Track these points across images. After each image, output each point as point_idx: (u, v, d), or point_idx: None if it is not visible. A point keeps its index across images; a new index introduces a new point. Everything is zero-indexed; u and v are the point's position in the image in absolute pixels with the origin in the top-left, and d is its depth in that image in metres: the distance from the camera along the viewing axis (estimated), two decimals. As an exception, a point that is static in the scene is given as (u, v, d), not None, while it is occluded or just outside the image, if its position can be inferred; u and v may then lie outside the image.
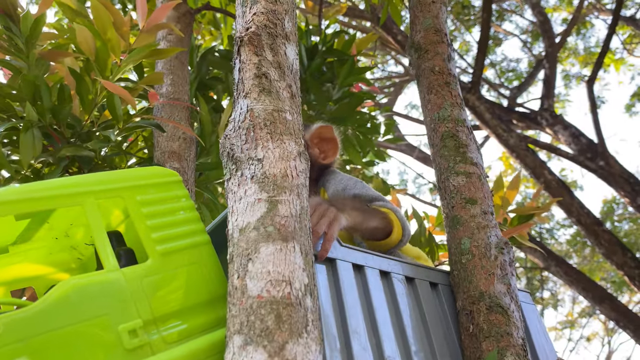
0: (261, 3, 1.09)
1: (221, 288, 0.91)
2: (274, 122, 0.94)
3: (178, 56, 1.87)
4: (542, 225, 12.02)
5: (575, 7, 11.62)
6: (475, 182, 1.30)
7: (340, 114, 2.25)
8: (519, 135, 7.71)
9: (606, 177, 7.86)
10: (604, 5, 12.70)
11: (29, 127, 1.45)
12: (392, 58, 11.15)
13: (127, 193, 0.89)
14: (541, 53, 13.21)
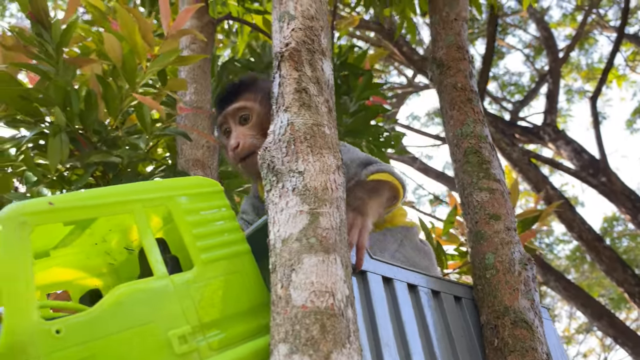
0: (299, 19, 1.12)
1: (261, 296, 0.92)
2: (314, 136, 0.96)
3: (201, 65, 1.90)
4: (542, 240, 12.04)
5: (579, 24, 11.72)
6: (499, 198, 1.33)
7: (355, 127, 2.27)
8: (521, 149, 7.75)
9: (608, 194, 7.90)
10: (607, 22, 12.80)
11: (57, 131, 1.47)
12: (395, 69, 11.20)
13: (173, 202, 0.91)
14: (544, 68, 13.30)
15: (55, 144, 1.46)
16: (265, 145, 1.00)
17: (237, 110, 1.34)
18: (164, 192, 0.91)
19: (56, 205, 0.78)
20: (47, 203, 0.77)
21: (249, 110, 1.33)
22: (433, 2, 1.80)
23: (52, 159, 1.46)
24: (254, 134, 1.32)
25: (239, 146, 1.30)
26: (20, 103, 1.51)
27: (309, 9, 1.15)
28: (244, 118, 1.34)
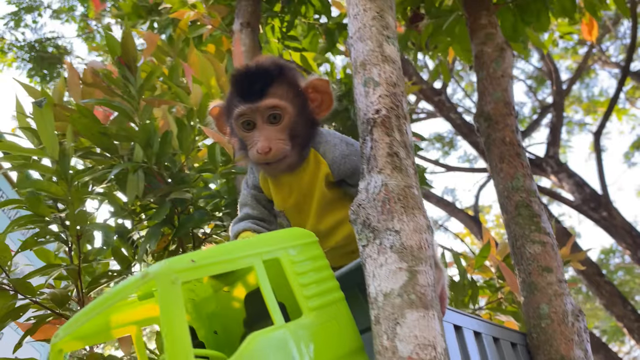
0: (383, 86, 1.23)
1: (356, 341, 1.02)
2: (406, 197, 1.07)
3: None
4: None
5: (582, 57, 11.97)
6: (550, 252, 1.43)
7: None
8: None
9: (608, 228, 8.04)
10: (609, 57, 13.09)
11: (136, 168, 1.57)
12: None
13: (284, 254, 1.01)
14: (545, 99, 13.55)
15: (134, 179, 1.56)
16: (358, 202, 1.10)
17: (269, 109, 1.20)
18: (276, 245, 1.01)
19: (197, 263, 0.88)
20: (189, 261, 0.87)
21: (281, 110, 1.21)
22: (479, 58, 1.93)
23: (130, 193, 1.56)
24: (284, 138, 1.22)
25: (270, 151, 1.19)
26: (99, 138, 1.62)
27: (391, 76, 1.26)
28: (274, 117, 1.21)
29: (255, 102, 1.20)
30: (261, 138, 1.21)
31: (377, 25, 1.35)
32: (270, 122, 1.22)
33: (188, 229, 1.60)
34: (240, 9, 2.34)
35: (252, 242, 0.99)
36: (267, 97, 1.20)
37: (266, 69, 1.24)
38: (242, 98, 1.21)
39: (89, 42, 10.39)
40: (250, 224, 1.38)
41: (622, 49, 12.87)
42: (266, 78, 1.22)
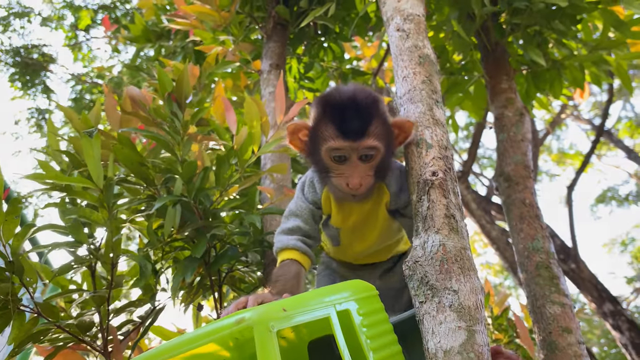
0: (436, 148, 1.32)
1: None
2: (462, 259, 1.14)
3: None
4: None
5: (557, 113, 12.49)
6: (569, 313, 1.52)
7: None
8: (501, 228, 8.12)
9: (576, 280, 8.28)
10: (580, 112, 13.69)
11: (176, 202, 1.61)
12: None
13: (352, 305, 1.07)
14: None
15: (172, 212, 1.60)
16: (415, 259, 1.17)
17: (366, 148, 1.26)
18: (345, 296, 1.06)
19: (288, 312, 0.93)
20: (281, 309, 0.92)
21: (376, 151, 1.27)
22: (500, 120, 2.04)
23: (168, 226, 1.59)
24: (372, 174, 1.30)
25: (361, 187, 1.28)
26: (138, 168, 1.65)
27: (442, 139, 1.35)
28: (367, 156, 1.28)
29: (356, 142, 1.25)
30: (354, 174, 1.28)
31: (426, 89, 1.44)
32: (362, 159, 1.28)
33: (221, 265, 1.63)
34: (269, 50, 2.42)
35: (326, 292, 1.04)
36: (366, 138, 1.25)
37: (366, 107, 1.27)
38: (342, 134, 1.25)
39: (75, 52, 10.32)
40: (298, 243, 1.41)
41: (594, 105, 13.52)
42: (366, 116, 1.26)
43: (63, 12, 10.47)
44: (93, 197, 1.52)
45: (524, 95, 2.41)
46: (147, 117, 1.68)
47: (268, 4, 2.48)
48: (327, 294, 1.04)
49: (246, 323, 0.85)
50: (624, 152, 11.99)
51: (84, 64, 10.06)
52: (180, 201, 1.62)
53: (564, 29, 2.21)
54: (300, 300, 0.97)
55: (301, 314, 0.94)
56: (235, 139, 1.62)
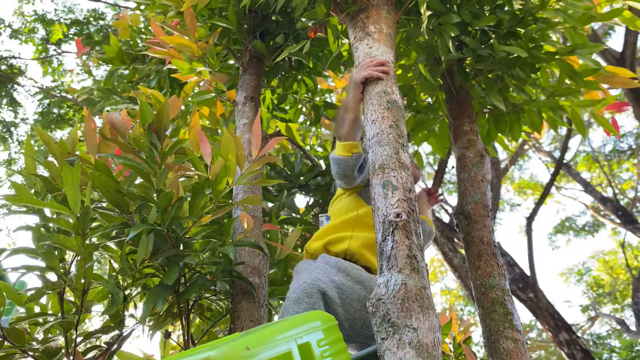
0: (400, 190, 1.41)
1: None
2: (422, 298, 1.22)
3: (256, 176, 2.14)
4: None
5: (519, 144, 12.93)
6: (521, 348, 1.62)
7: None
8: (463, 256, 8.29)
9: (534, 309, 8.51)
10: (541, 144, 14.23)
11: (150, 230, 1.65)
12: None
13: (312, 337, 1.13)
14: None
15: (146, 241, 1.64)
16: (378, 297, 1.24)
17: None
18: (305, 329, 1.13)
19: (251, 350, 0.99)
20: (245, 348, 0.98)
21: None
22: (461, 160, 2.16)
23: (140, 254, 1.63)
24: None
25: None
26: (115, 196, 1.69)
27: (407, 182, 1.44)
28: None
29: None
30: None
31: (393, 133, 1.54)
32: None
33: (191, 294, 1.67)
34: (244, 82, 2.50)
35: (287, 326, 1.11)
36: None
37: None
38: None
39: (45, 67, 10.22)
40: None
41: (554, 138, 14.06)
42: None
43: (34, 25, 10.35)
44: (68, 223, 1.55)
45: (485, 136, 2.55)
46: (125, 144, 1.73)
47: (245, 38, 2.57)
48: (289, 327, 1.10)
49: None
50: (581, 185, 12.45)
51: (53, 78, 9.94)
52: (154, 229, 1.66)
53: (523, 76, 2.37)
54: (264, 336, 1.03)
55: (264, 351, 1.00)
56: (211, 170, 1.68)
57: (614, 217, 10.86)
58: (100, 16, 9.84)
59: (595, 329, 16.14)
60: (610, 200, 10.90)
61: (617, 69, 2.63)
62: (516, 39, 2.32)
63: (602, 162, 13.78)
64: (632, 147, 13.76)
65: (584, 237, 15.27)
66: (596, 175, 14.48)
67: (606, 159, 14.08)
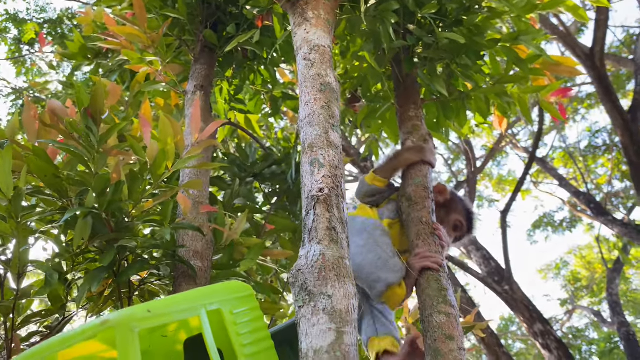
0: (327, 167, 1.44)
1: None
2: (339, 267, 1.26)
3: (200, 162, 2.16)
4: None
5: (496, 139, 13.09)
6: (453, 322, 1.66)
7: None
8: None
9: (509, 301, 8.63)
10: (519, 141, 14.40)
11: (87, 213, 1.67)
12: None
13: (224, 305, 1.16)
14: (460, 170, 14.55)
15: (83, 224, 1.65)
16: (298, 267, 1.28)
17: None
18: (218, 298, 1.16)
19: (153, 313, 1.01)
20: (146, 311, 1.00)
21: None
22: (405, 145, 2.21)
23: (78, 237, 1.64)
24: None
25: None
26: (52, 180, 1.70)
27: (334, 159, 1.48)
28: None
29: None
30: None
31: (324, 114, 1.58)
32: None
33: (129, 276, 1.69)
34: (195, 71, 2.52)
35: (198, 293, 1.13)
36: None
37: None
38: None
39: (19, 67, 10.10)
40: None
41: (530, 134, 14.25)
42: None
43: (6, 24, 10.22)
44: (1, 207, 1.56)
45: (433, 123, 2.59)
46: (65, 131, 1.74)
47: (196, 28, 2.59)
48: (198, 295, 1.13)
49: (110, 324, 0.93)
50: (557, 180, 12.64)
51: (27, 78, 9.83)
52: (92, 213, 1.68)
53: (469, 63, 2.42)
54: (168, 302, 1.06)
55: (167, 315, 1.03)
56: (147, 154, 1.70)
57: (589, 211, 11.04)
58: (74, 15, 9.74)
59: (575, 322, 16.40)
60: (584, 194, 11.07)
61: (563, 58, 2.70)
62: (460, 27, 2.37)
63: (577, 158, 14.00)
64: (607, 143, 13.98)
65: (561, 232, 15.47)
66: (573, 171, 14.69)
67: (582, 154, 14.30)
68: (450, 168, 14.69)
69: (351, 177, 10.27)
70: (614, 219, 10.23)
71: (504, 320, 16.26)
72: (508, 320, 16.08)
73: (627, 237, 9.58)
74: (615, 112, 8.63)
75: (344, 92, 2.86)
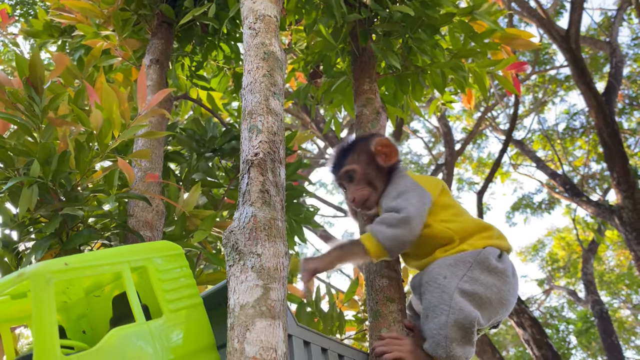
0: (264, 133, 1.46)
1: (209, 339, 1.20)
2: (271, 227, 1.29)
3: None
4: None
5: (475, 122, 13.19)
6: (395, 285, 1.70)
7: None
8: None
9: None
10: (498, 124, 14.52)
11: (32, 182, 1.67)
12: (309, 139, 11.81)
13: (150, 263, 1.18)
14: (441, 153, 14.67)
15: (27, 193, 1.66)
16: (230, 229, 1.30)
17: (345, 173, 1.75)
18: (144, 255, 1.18)
19: (70, 265, 1.03)
20: (63, 263, 1.02)
21: (352, 172, 1.73)
22: (359, 118, 2.23)
23: (23, 206, 1.65)
24: (361, 187, 1.71)
25: (355, 200, 1.71)
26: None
27: (273, 126, 1.50)
28: (350, 177, 1.74)
29: (337, 172, 1.79)
30: (348, 192, 1.75)
31: (266, 81, 1.59)
32: (350, 181, 1.74)
33: (76, 244, 1.70)
34: (152, 45, 2.51)
35: (122, 250, 1.16)
36: (342, 166, 1.76)
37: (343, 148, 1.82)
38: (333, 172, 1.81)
39: (-10, 51, 9.89)
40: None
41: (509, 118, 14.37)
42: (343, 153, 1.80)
43: (-23, 6, 9.98)
44: (-59, 175, 1.56)
45: (392, 97, 2.62)
46: (7, 100, 1.73)
47: (154, 2, 2.57)
48: (123, 252, 1.15)
49: (25, 276, 0.95)
50: (534, 162, 12.80)
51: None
52: (37, 183, 1.68)
53: (425, 37, 2.45)
54: (88, 257, 1.08)
55: (85, 269, 1.05)
56: (91, 122, 1.70)
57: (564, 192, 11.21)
58: (46, -3, 9.52)
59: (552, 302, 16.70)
60: (560, 176, 11.24)
61: (519, 31, 2.74)
62: (414, 1, 2.39)
63: (554, 140, 14.16)
64: (584, 125, 14.14)
65: (540, 214, 15.68)
66: (551, 153, 14.86)
67: (560, 137, 14.46)
68: (430, 151, 14.79)
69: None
70: (589, 200, 10.40)
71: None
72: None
73: (601, 217, 9.75)
74: (589, 94, 8.75)
75: (307, 67, 2.88)
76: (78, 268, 1.04)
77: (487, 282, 1.50)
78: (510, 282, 1.55)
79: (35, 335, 0.91)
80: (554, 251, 16.38)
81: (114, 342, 1.00)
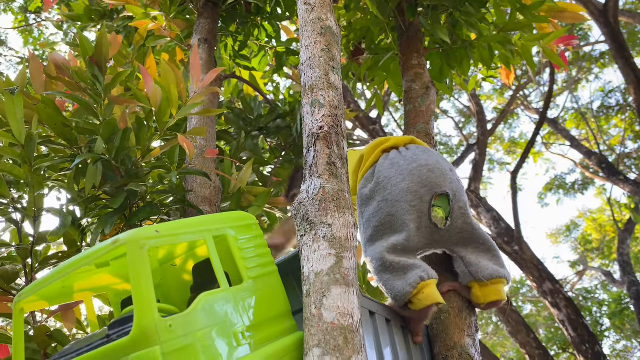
0: (326, 107, 1.48)
1: (285, 306, 1.23)
2: (339, 199, 1.31)
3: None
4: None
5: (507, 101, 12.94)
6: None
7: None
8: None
9: (519, 262, 8.69)
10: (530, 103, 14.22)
11: (96, 160, 1.72)
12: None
13: (230, 231, 1.22)
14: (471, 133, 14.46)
15: (93, 170, 1.71)
16: (300, 201, 1.33)
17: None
18: (223, 224, 1.22)
19: (161, 233, 1.06)
20: (154, 231, 1.06)
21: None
22: (408, 93, 2.23)
23: (89, 183, 1.70)
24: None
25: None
26: (61, 129, 1.75)
27: (334, 100, 1.51)
28: None
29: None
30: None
31: (325, 56, 1.60)
32: None
33: (139, 219, 1.76)
34: (199, 25, 2.54)
35: (204, 220, 1.19)
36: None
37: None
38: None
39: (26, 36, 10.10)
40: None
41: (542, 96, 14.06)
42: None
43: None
44: (14, 152, 1.62)
45: (438, 73, 2.60)
46: (71, 82, 1.78)
47: (199, -18, 2.59)
48: (204, 221, 1.19)
49: (120, 242, 0.99)
50: (568, 141, 12.53)
51: (34, 48, 9.84)
52: (101, 159, 1.73)
53: (472, 11, 2.41)
54: (176, 225, 1.12)
55: (174, 236, 1.08)
56: (151, 100, 1.74)
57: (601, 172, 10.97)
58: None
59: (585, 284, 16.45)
60: (595, 154, 10.99)
61: (568, 4, 2.68)
62: (463, -26, 2.35)
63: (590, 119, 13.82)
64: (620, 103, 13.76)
65: (573, 195, 15.38)
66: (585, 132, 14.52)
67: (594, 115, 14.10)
68: (461, 131, 14.60)
69: (359, 141, 10.28)
70: (626, 179, 10.17)
71: (515, 282, 16.37)
72: (519, 283, 16.20)
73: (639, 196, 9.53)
74: (628, 69, 8.50)
75: (348, 45, 2.87)
76: (168, 235, 1.07)
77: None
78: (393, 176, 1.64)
79: (135, 296, 0.95)
80: (587, 232, 16.08)
81: (204, 305, 1.04)
